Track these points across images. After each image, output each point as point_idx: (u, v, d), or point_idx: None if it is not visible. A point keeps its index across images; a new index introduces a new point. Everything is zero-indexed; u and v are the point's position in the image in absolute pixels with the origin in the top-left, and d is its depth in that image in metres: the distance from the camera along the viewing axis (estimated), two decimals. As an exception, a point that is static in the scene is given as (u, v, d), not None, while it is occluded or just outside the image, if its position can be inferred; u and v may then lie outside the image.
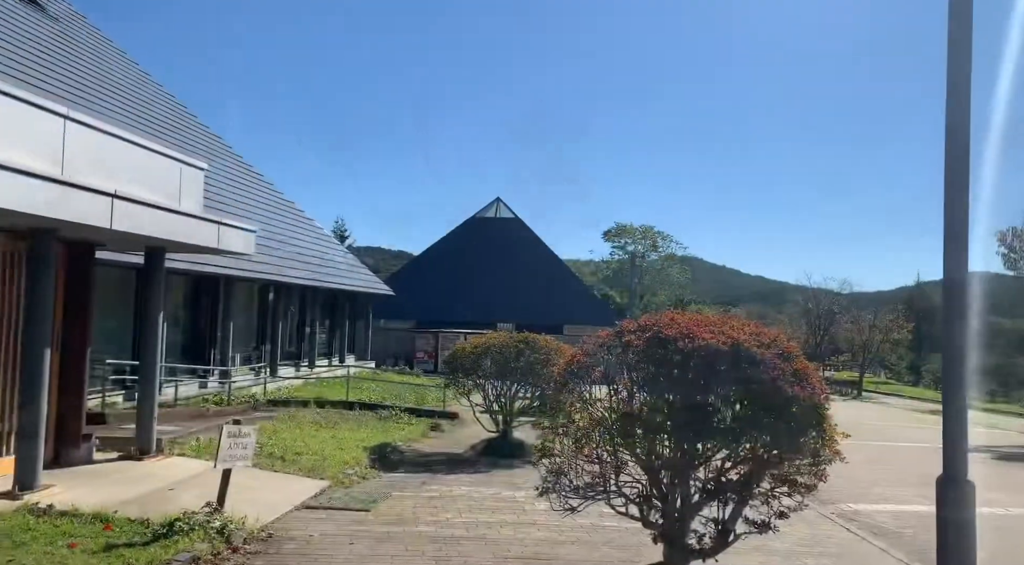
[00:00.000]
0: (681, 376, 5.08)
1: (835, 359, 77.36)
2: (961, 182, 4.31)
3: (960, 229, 4.27)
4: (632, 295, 72.63)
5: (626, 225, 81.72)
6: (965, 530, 4.19)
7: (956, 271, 4.31)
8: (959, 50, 4.29)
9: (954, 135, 4.34)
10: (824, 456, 5.17)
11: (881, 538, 7.77)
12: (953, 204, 4.29)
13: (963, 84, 4.37)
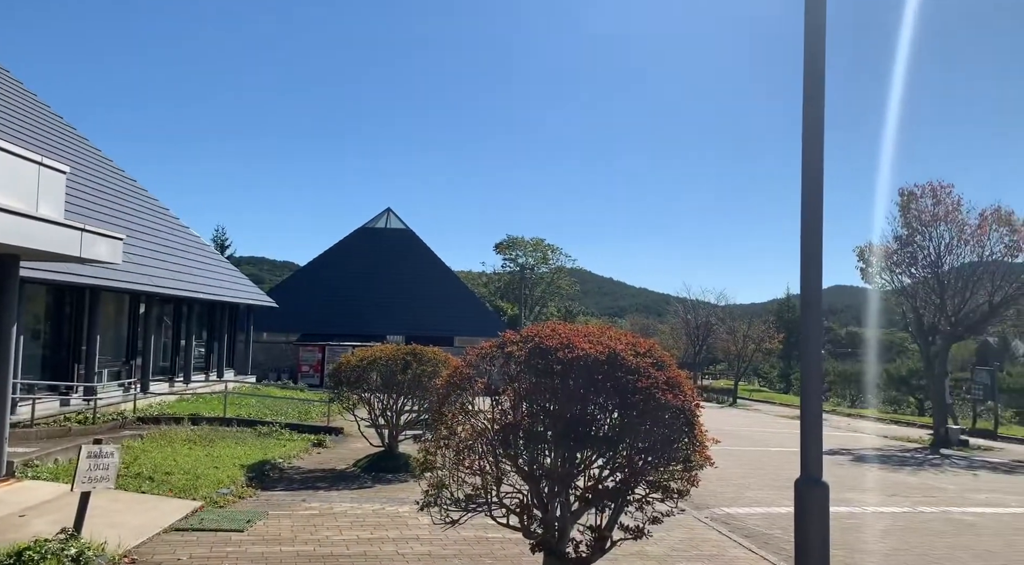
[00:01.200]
0: (562, 386, 5.16)
1: (713, 368, 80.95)
2: (815, 203, 4.60)
3: (814, 248, 4.56)
4: (522, 306, 73.42)
5: (517, 238, 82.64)
6: (821, 529, 4.44)
7: (810, 287, 4.59)
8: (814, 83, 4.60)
9: (809, 163, 4.64)
10: (695, 462, 5.36)
11: (752, 540, 8.13)
12: (808, 224, 4.58)
13: (817, 121, 4.68)
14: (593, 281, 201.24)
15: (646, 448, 5.20)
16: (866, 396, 41.92)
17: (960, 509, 10.38)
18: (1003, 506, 10.78)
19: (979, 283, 21.08)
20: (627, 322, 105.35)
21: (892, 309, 25.26)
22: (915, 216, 21.47)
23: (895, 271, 22.52)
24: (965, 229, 21.00)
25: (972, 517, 9.83)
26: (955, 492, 11.99)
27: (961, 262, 21.60)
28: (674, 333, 62.26)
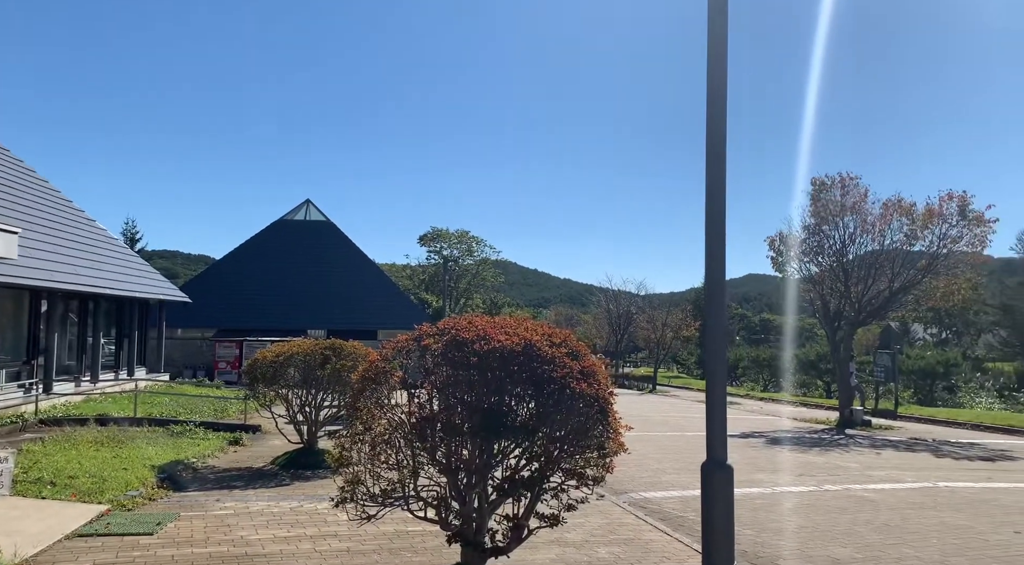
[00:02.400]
0: (478, 377, 5.18)
1: (634, 356, 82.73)
2: (718, 197, 4.75)
3: (717, 239, 4.71)
4: (446, 299, 73.20)
5: (442, 230, 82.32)
6: (726, 509, 4.61)
7: (714, 277, 4.75)
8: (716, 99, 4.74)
9: (712, 157, 4.78)
10: (610, 449, 5.48)
11: (667, 523, 8.36)
12: (712, 217, 4.73)
13: (719, 116, 4.83)
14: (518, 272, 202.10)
15: (562, 437, 5.28)
16: (778, 380, 43.63)
17: (862, 486, 10.93)
18: (900, 482, 11.41)
19: (880, 271, 22.16)
20: (551, 313, 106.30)
21: (801, 296, 26.27)
22: (824, 206, 22.39)
23: (804, 260, 23.46)
24: (868, 219, 22.03)
25: (872, 494, 10.37)
26: (858, 470, 12.62)
27: (864, 251, 22.66)
28: (597, 323, 63.34)
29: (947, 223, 20.89)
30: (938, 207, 20.75)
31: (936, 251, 21.36)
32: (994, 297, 69.01)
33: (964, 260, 22.42)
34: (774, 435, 18.45)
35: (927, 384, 32.89)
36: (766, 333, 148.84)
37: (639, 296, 55.34)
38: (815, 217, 22.45)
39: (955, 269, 22.50)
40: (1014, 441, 18.72)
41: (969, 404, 30.58)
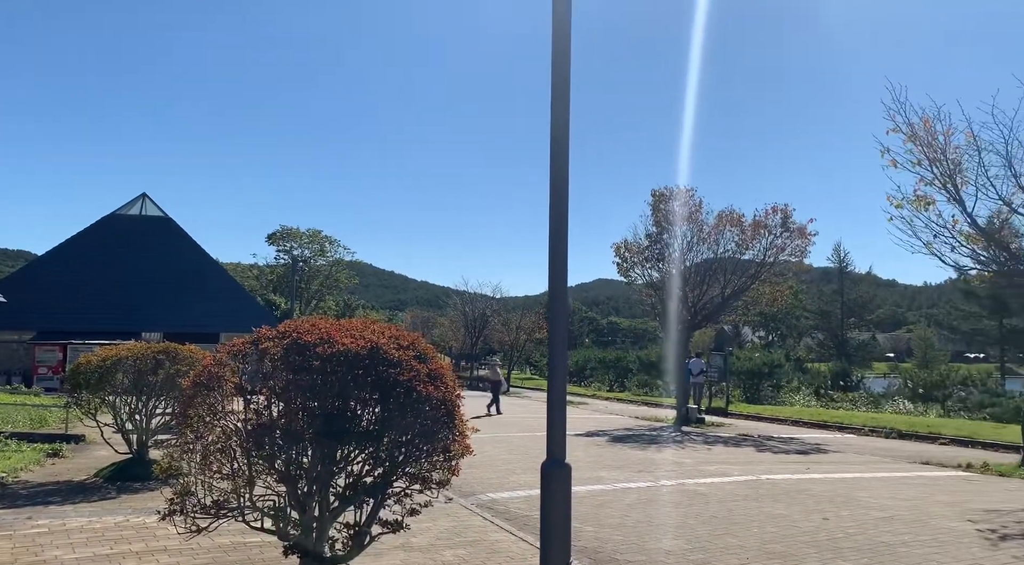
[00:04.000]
0: (321, 382, 5.05)
1: (490, 358, 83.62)
2: (561, 205, 4.90)
3: (560, 247, 4.85)
4: (295, 300, 70.74)
5: (292, 228, 79.52)
6: (564, 507, 4.75)
7: (557, 284, 4.89)
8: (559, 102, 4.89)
9: (556, 168, 4.93)
10: (455, 451, 5.50)
11: (512, 523, 8.50)
12: (555, 224, 4.87)
13: (563, 127, 4.98)
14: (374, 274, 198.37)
15: (407, 441, 5.24)
16: (623, 381, 45.57)
17: (694, 481, 11.62)
18: (728, 476, 12.23)
19: (714, 277, 23.70)
20: (408, 315, 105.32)
21: (644, 301, 27.57)
22: (664, 216, 23.64)
23: (646, 266, 24.66)
24: (704, 228, 23.49)
25: (704, 487, 11.05)
26: (691, 465, 13.40)
27: (701, 258, 24.14)
28: (453, 325, 63.48)
29: (772, 234, 22.65)
30: (764, 219, 22.46)
31: (763, 260, 23.11)
32: (813, 303, 75.72)
33: (788, 268, 24.44)
34: (617, 433, 19.24)
35: (755, 383, 35.47)
36: (613, 335, 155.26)
37: (495, 299, 56.08)
38: (656, 226, 23.67)
39: (780, 277, 24.48)
40: (827, 435, 20.57)
41: (790, 402, 33.28)
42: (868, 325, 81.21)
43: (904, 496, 10.61)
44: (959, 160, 13.40)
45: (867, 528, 8.41)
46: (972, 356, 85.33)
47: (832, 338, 74.06)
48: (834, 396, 34.63)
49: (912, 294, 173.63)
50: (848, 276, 75.21)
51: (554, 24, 4.77)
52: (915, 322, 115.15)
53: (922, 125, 13.54)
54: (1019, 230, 15.67)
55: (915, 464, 14.30)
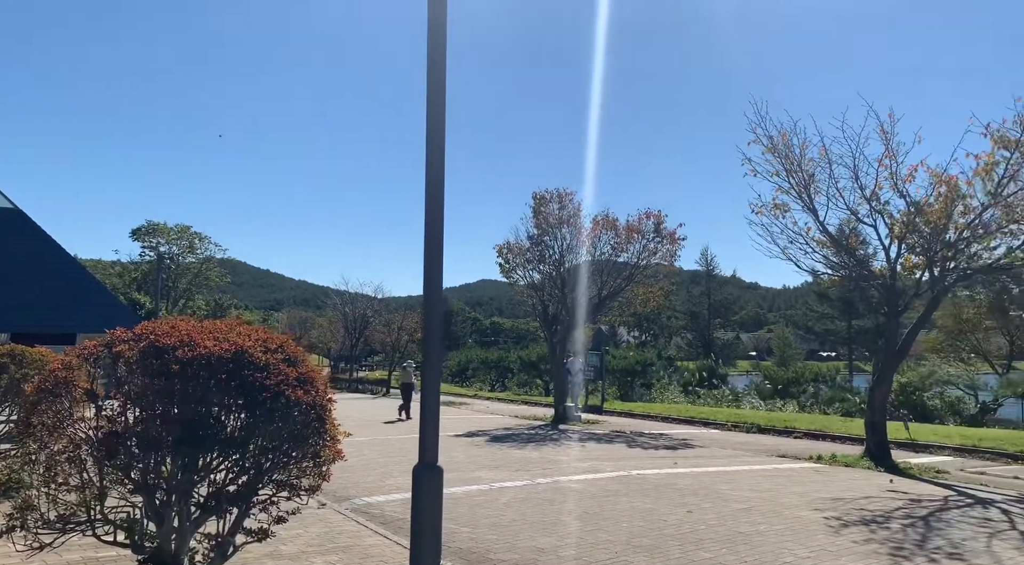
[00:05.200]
0: (181, 387, 4.82)
1: (371, 359, 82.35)
2: (437, 207, 4.89)
3: (435, 251, 4.84)
4: (160, 299, 67.05)
5: (158, 224, 75.29)
6: (435, 510, 4.74)
7: (432, 287, 4.87)
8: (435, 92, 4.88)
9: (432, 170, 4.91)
10: (326, 457, 5.39)
11: (387, 527, 8.40)
12: (430, 228, 4.85)
13: (438, 131, 4.97)
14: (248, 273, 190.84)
15: (275, 447, 5.09)
16: (504, 380, 46.03)
17: (568, 478, 11.89)
18: (601, 472, 12.59)
19: (592, 279, 24.37)
20: (284, 315, 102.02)
21: (525, 301, 27.98)
22: (545, 219, 24.07)
23: (527, 267, 25.04)
24: (583, 231, 24.12)
25: (577, 484, 11.33)
26: (567, 463, 13.71)
27: (579, 260, 24.76)
28: (332, 326, 62.10)
29: (646, 238, 23.54)
30: (638, 224, 23.31)
31: (637, 262, 23.97)
32: (683, 304, 79.31)
33: (659, 271, 25.45)
34: (497, 433, 19.41)
35: (628, 381, 36.73)
36: (496, 335, 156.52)
37: (376, 299, 55.25)
38: (537, 228, 24.07)
39: (652, 279, 25.46)
40: (694, 431, 21.58)
41: (661, 399, 34.69)
42: (733, 325, 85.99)
43: (762, 488, 11.28)
44: (812, 172, 14.41)
45: (727, 519, 8.88)
46: (825, 354, 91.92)
47: (700, 338, 77.89)
48: (700, 393, 36.36)
49: (772, 296, 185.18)
50: (715, 279, 79.36)
51: (430, 26, 4.75)
52: (775, 323, 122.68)
53: (780, 138, 14.46)
54: (865, 238, 17.00)
55: (772, 457, 15.22)
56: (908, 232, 13.97)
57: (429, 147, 4.82)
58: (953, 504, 10.19)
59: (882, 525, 8.70)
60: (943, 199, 13.39)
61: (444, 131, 4.82)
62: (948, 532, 8.35)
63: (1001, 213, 13.22)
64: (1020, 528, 8.65)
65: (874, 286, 15.07)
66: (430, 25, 4.75)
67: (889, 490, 11.25)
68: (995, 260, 13.86)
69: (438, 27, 4.71)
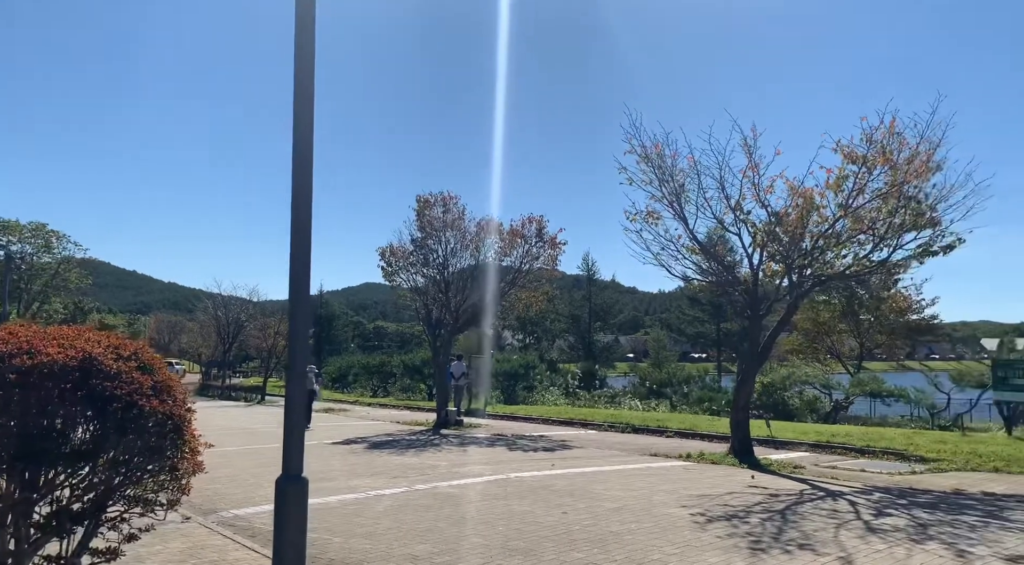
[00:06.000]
0: (20, 398, 4.47)
1: (246, 365, 79.19)
2: (304, 210, 4.74)
3: (302, 254, 4.68)
4: (8, 303, 61.88)
5: (9, 221, 69.46)
6: (299, 524, 4.58)
7: (299, 292, 4.70)
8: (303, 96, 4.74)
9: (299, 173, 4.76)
10: (185, 469, 5.12)
11: (256, 539, 8.08)
12: (297, 229, 4.69)
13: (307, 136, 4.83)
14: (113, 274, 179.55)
15: (126, 461, 4.80)
16: (387, 386, 45.41)
17: (447, 483, 11.84)
18: (480, 476, 12.63)
19: (476, 283, 24.44)
20: (152, 319, 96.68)
21: (409, 305, 27.70)
22: (429, 222, 23.93)
23: (411, 271, 24.81)
24: (467, 235, 24.15)
25: (455, 489, 11.30)
26: (446, 468, 13.65)
27: (463, 264, 24.78)
28: (204, 331, 59.39)
29: (528, 243, 23.86)
30: (520, 228, 23.60)
31: (520, 266, 24.25)
32: (566, 308, 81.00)
33: (542, 275, 25.84)
34: (376, 439, 19.10)
35: (511, 384, 37.09)
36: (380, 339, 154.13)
37: (251, 302, 53.18)
38: (421, 231, 23.91)
39: (535, 283, 25.81)
40: (573, 432, 22.03)
41: (543, 401, 35.24)
42: (612, 328, 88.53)
43: (634, 487, 11.64)
44: (683, 182, 15.05)
45: (600, 519, 9.09)
46: (696, 356, 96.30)
47: (581, 340, 79.76)
48: (581, 394, 37.21)
49: (649, 300, 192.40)
50: (595, 283, 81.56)
51: (297, 22, 4.60)
52: (652, 325, 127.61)
53: (654, 149, 15.02)
54: (732, 245, 17.92)
55: (646, 456, 15.75)
56: (769, 241, 14.83)
57: (296, 152, 4.66)
58: (807, 497, 10.88)
59: (743, 519, 9.16)
60: (799, 210, 14.32)
61: (312, 132, 4.68)
62: (801, 524, 8.90)
63: (850, 223, 14.26)
64: (864, 518, 9.33)
65: (739, 291, 15.90)
66: (298, 21, 4.60)
67: (751, 486, 11.88)
68: (846, 267, 14.95)
69: (306, 25, 4.57)
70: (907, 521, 9.05)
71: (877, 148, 13.53)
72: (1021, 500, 10.68)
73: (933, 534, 8.32)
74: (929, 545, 7.81)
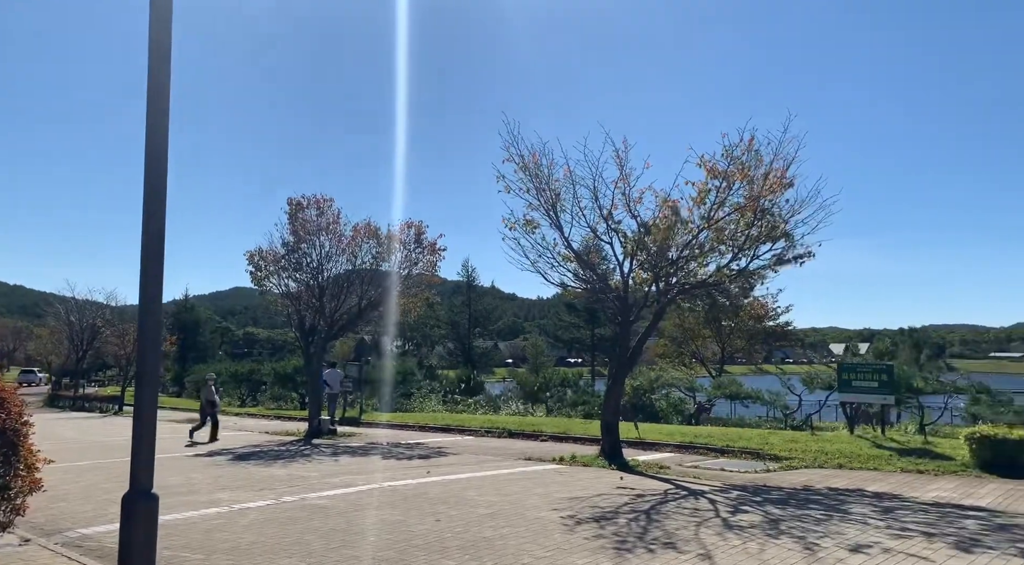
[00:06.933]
0: None
1: (102, 374, 74.05)
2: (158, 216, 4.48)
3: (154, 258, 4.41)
4: None
5: None
6: (148, 543, 4.30)
7: (149, 298, 4.42)
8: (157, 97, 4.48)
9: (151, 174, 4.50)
10: (19, 488, 4.72)
11: (106, 560, 7.52)
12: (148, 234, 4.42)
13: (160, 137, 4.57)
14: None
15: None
16: (256, 394, 43.69)
17: (317, 494, 11.51)
18: (352, 486, 12.36)
19: (352, 288, 23.94)
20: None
21: (281, 311, 26.79)
22: (302, 225, 23.23)
23: (283, 275, 23.99)
24: (343, 240, 23.62)
25: (326, 501, 11.00)
26: (317, 478, 13.27)
27: (339, 269, 24.20)
28: (55, 337, 55.24)
29: (407, 248, 23.63)
30: (399, 233, 23.36)
31: (399, 272, 23.97)
32: (446, 314, 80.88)
33: (421, 281, 25.64)
34: (243, 451, 18.33)
35: (389, 391, 36.55)
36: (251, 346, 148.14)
37: (109, 307, 49.85)
38: (294, 235, 23.19)
39: (414, 289, 25.59)
40: (449, 438, 21.99)
41: (421, 408, 34.96)
42: (491, 334, 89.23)
43: (508, 491, 11.74)
44: (559, 191, 15.38)
45: (473, 525, 9.10)
46: (573, 360, 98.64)
47: (460, 346, 79.84)
48: (459, 400, 37.21)
49: (528, 306, 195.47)
50: (475, 290, 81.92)
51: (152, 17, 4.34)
52: (530, 331, 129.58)
53: (531, 157, 15.27)
54: (605, 254, 18.45)
55: (520, 460, 15.93)
56: (638, 250, 15.40)
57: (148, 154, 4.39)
58: (671, 497, 11.34)
59: (611, 521, 9.43)
60: (666, 221, 14.96)
61: (167, 128, 4.43)
62: (665, 523, 9.26)
63: (713, 235, 15.03)
64: (722, 515, 9.83)
65: (611, 298, 16.39)
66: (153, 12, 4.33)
67: (619, 487, 12.25)
68: (708, 276, 15.74)
69: (161, 16, 4.32)
70: (761, 517, 9.61)
71: (737, 164, 14.33)
72: (861, 494, 11.58)
73: (784, 529, 8.87)
74: (780, 539, 8.31)
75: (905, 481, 12.81)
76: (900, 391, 22.00)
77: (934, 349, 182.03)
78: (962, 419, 24.21)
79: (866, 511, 9.98)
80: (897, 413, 24.81)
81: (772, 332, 51.06)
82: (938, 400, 24.88)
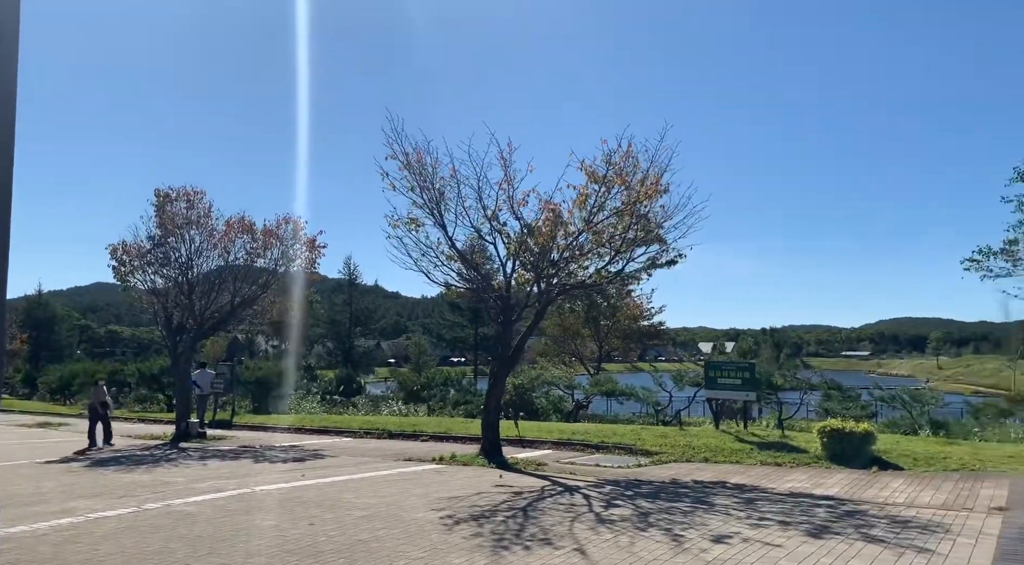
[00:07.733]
0: None
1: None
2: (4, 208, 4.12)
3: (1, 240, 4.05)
4: None
5: None
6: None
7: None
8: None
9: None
10: None
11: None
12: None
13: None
14: None
15: None
16: (120, 396, 41.09)
17: (183, 500, 10.96)
18: (222, 491, 11.85)
19: (224, 285, 22.93)
20: None
21: (146, 308, 25.32)
22: (170, 218, 22.04)
23: (148, 271, 22.67)
24: (215, 234, 22.57)
25: (192, 507, 10.49)
26: (183, 484, 12.64)
27: (210, 265, 23.11)
28: None
29: (285, 244, 22.89)
30: (276, 228, 22.59)
31: (275, 269, 23.17)
32: (326, 313, 78.91)
33: (299, 279, 24.91)
34: (103, 456, 17.20)
35: (264, 392, 35.29)
36: (113, 345, 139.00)
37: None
38: (160, 228, 21.97)
39: (291, 286, 24.83)
40: (327, 440, 21.50)
41: (298, 409, 33.96)
42: (373, 333, 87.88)
43: (385, 493, 11.60)
44: (443, 190, 15.35)
45: (348, 529, 8.94)
46: (456, 360, 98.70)
47: (341, 346, 78.15)
48: (339, 401, 36.43)
49: (412, 305, 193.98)
50: (357, 288, 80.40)
51: None
52: (414, 330, 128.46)
53: (416, 156, 15.16)
54: (489, 254, 18.58)
55: (400, 461, 15.78)
56: (521, 251, 15.59)
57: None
58: (548, 493, 11.56)
59: (489, 519, 9.51)
60: (549, 223, 15.24)
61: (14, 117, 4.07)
62: (541, 519, 9.43)
63: (592, 237, 15.44)
64: (595, 510, 10.12)
65: (494, 298, 16.52)
66: None
67: (498, 485, 12.38)
68: (588, 277, 16.15)
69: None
70: (632, 511, 9.96)
71: (615, 169, 14.79)
72: (724, 486, 12.23)
73: (653, 521, 9.24)
74: (649, 532, 8.65)
75: (764, 473, 13.63)
76: (761, 388, 23.39)
77: (792, 348, 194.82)
78: (816, 414, 26.09)
79: (728, 502, 10.55)
80: (759, 408, 26.38)
81: (646, 331, 53.09)
82: (795, 396, 26.66)
